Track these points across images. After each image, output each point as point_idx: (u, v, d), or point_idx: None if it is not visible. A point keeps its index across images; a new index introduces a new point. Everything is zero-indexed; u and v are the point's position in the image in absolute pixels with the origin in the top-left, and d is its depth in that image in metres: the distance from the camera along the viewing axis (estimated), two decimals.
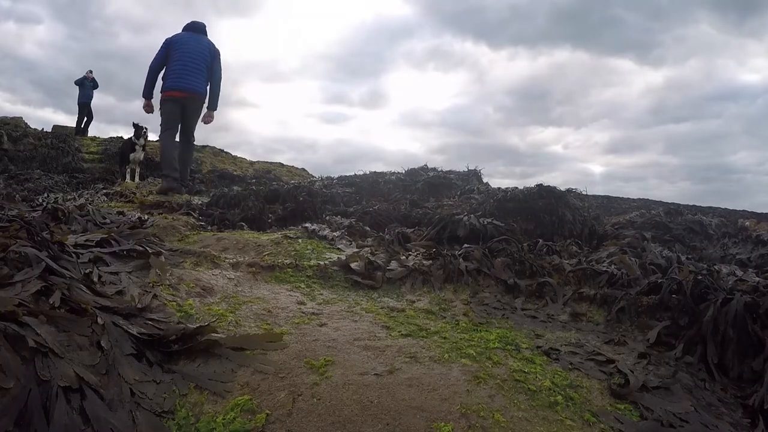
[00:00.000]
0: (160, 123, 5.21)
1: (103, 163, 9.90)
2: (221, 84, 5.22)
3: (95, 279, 1.78)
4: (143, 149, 7.95)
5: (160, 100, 5.15)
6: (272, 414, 1.23)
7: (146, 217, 3.64)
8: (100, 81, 12.74)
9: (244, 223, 4.07)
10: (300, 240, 3.24)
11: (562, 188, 4.40)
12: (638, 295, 2.16)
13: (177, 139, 5.28)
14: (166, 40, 5.10)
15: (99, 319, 1.43)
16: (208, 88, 5.20)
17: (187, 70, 4.95)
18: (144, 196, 5.11)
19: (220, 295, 2.02)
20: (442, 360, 1.54)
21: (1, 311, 1.27)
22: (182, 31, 5.23)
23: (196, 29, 5.16)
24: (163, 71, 5.14)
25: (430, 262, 2.66)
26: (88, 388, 1.21)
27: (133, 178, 7.89)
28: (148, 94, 5.17)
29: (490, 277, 2.54)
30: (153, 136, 8.49)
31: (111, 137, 11.74)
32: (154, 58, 5.05)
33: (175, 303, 1.82)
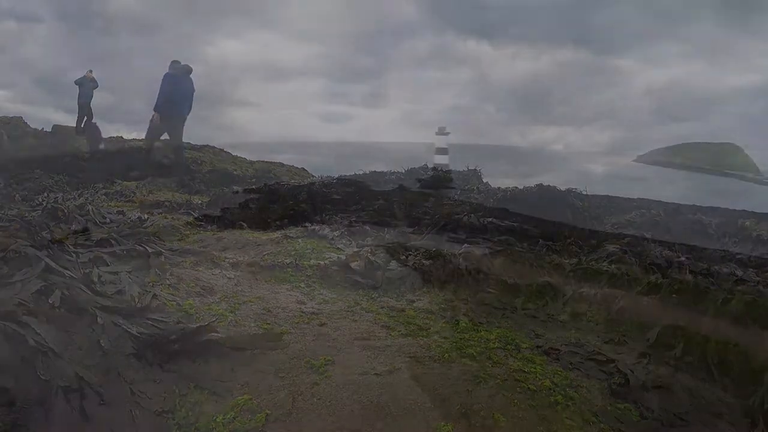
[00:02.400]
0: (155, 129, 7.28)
1: (103, 162, 9.86)
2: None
3: (95, 278, 1.77)
4: None
5: (162, 117, 7.02)
6: (272, 413, 1.23)
7: (146, 216, 3.63)
8: (100, 81, 12.72)
9: (244, 223, 4.06)
10: (300, 239, 3.23)
11: (563, 188, 4.40)
12: (638, 295, 2.16)
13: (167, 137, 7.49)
14: (172, 76, 7.10)
15: (99, 319, 1.43)
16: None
17: (182, 101, 7.15)
18: (144, 196, 5.12)
19: (220, 294, 2.02)
20: (443, 360, 1.54)
21: (1, 311, 1.27)
22: (176, 70, 7.20)
23: (188, 71, 7.33)
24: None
25: (430, 261, 2.65)
26: (87, 388, 1.21)
27: None
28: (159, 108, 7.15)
29: (490, 277, 2.54)
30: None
31: (111, 137, 11.70)
32: (169, 84, 6.98)
33: (174, 303, 1.81)
